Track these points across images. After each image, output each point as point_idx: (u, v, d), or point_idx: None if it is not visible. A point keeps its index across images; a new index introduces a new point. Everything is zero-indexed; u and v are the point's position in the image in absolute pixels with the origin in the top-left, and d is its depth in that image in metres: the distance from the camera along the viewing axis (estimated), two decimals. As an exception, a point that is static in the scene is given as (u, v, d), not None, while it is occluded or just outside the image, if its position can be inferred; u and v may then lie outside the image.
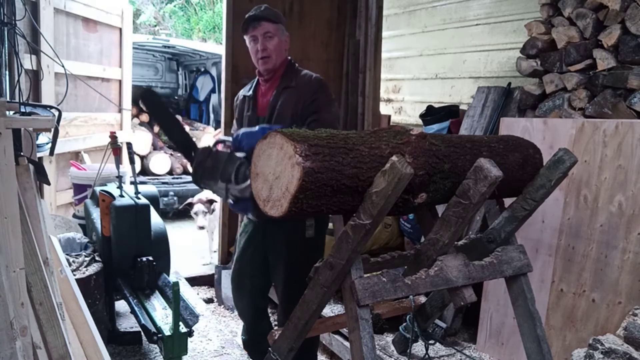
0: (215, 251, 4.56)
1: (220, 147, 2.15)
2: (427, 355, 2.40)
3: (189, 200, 4.62)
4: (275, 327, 2.82)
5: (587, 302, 2.46)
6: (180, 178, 6.64)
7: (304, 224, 2.18)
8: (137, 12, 12.22)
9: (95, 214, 3.00)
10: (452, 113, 3.67)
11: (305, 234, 2.16)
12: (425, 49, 4.52)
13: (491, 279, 1.90)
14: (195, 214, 4.47)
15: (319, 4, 4.05)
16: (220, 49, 4.21)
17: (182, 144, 2.19)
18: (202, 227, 4.46)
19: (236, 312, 3.61)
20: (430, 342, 2.49)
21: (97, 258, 2.77)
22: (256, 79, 2.37)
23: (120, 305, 3.11)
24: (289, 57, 2.35)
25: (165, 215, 5.97)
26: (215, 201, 4.46)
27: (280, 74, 2.28)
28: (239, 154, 2.01)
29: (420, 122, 3.89)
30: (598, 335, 2.07)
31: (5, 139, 1.67)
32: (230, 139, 2.11)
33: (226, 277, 3.74)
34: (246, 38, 2.28)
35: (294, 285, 2.19)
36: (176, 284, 2.23)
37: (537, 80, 3.04)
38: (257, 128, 2.07)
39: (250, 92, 2.35)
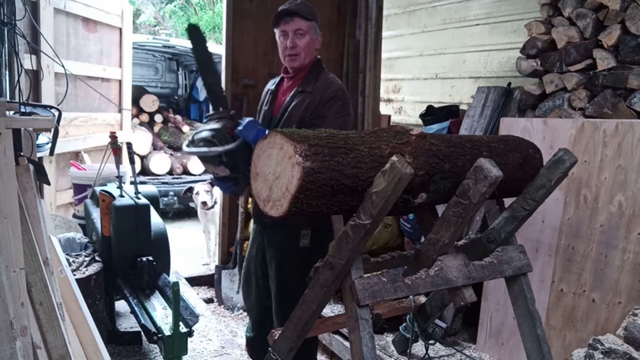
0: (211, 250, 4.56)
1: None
2: (427, 355, 2.40)
3: (190, 185, 4.62)
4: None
5: (587, 302, 2.46)
6: (180, 178, 6.63)
7: (299, 233, 2.14)
8: (137, 12, 12.21)
9: (95, 214, 3.00)
10: (452, 113, 3.67)
11: (300, 243, 2.13)
12: (425, 49, 4.52)
13: (491, 279, 1.90)
14: (197, 193, 4.44)
15: (319, 4, 4.00)
16: (220, 49, 4.20)
17: (213, 93, 2.09)
18: (204, 203, 4.41)
19: (236, 312, 3.62)
20: (430, 342, 2.49)
21: (97, 258, 2.77)
22: (281, 75, 2.31)
23: (120, 305, 3.11)
24: (319, 57, 2.25)
25: (165, 215, 5.97)
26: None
27: (303, 75, 2.19)
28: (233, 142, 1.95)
29: (420, 122, 3.89)
30: (598, 335, 2.08)
31: (5, 139, 1.67)
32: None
33: (226, 277, 3.74)
34: (276, 32, 2.19)
35: (284, 292, 2.19)
36: (176, 284, 2.23)
37: (537, 80, 3.04)
38: (264, 129, 1.99)
39: (273, 87, 2.30)
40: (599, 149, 2.42)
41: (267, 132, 1.91)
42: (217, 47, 8.41)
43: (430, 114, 3.77)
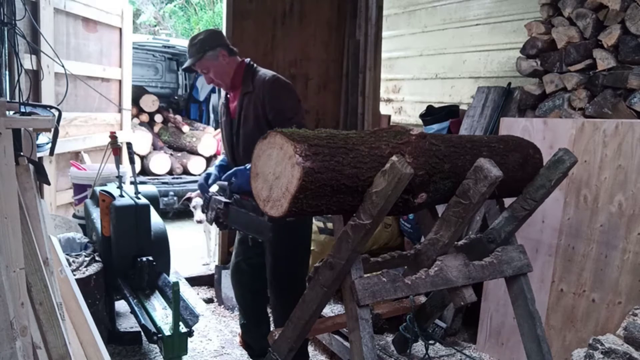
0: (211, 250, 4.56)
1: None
2: (427, 355, 2.40)
3: (188, 194, 4.61)
4: (273, 328, 2.83)
5: (587, 302, 2.46)
6: (180, 178, 6.62)
7: None
8: (137, 12, 12.21)
9: (95, 214, 3.00)
10: (452, 113, 3.67)
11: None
12: (425, 49, 4.52)
13: (491, 279, 1.90)
14: (194, 207, 4.45)
15: (319, 4, 4.05)
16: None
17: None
18: (200, 222, 4.44)
19: (236, 312, 3.62)
20: (430, 342, 2.49)
21: (97, 258, 2.76)
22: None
23: (120, 305, 3.10)
24: (245, 60, 2.47)
25: (165, 215, 5.96)
26: None
27: (239, 80, 2.43)
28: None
29: (420, 122, 3.89)
30: (598, 335, 2.07)
31: (5, 139, 1.67)
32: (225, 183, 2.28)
33: (226, 277, 3.73)
34: None
35: (279, 263, 2.43)
36: (176, 284, 2.23)
37: (537, 80, 3.04)
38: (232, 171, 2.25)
39: (224, 99, 2.56)
40: (599, 149, 2.41)
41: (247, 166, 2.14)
42: (217, 47, 8.40)
43: (430, 114, 3.77)
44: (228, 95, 2.53)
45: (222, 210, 2.19)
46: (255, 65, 2.48)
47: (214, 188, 2.39)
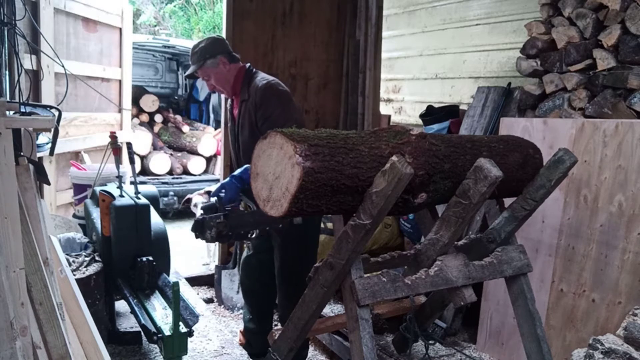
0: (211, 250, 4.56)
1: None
2: (427, 355, 2.40)
3: (188, 196, 4.61)
4: (277, 327, 2.83)
5: (587, 302, 2.46)
6: (180, 178, 6.62)
7: None
8: (137, 12, 12.21)
9: (95, 214, 3.00)
10: (452, 113, 3.67)
11: (294, 221, 2.33)
12: (425, 49, 4.52)
13: (491, 279, 1.90)
14: (195, 205, 4.45)
15: (319, 4, 4.05)
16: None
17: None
18: None
19: (236, 312, 3.62)
20: (430, 342, 2.49)
21: (97, 258, 2.76)
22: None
23: (120, 305, 3.10)
24: (246, 65, 2.50)
25: (165, 215, 5.96)
26: None
27: (239, 87, 2.48)
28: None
29: (420, 122, 3.89)
30: (598, 335, 2.07)
31: (5, 139, 1.67)
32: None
33: (226, 277, 3.73)
34: None
35: (287, 263, 2.49)
36: (176, 284, 2.23)
37: (537, 80, 3.04)
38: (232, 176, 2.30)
39: (229, 106, 2.61)
40: (599, 149, 2.42)
41: (237, 173, 2.24)
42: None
43: (430, 114, 3.77)
44: (234, 100, 2.55)
45: (223, 222, 2.19)
46: (254, 70, 2.51)
47: (198, 211, 2.40)
